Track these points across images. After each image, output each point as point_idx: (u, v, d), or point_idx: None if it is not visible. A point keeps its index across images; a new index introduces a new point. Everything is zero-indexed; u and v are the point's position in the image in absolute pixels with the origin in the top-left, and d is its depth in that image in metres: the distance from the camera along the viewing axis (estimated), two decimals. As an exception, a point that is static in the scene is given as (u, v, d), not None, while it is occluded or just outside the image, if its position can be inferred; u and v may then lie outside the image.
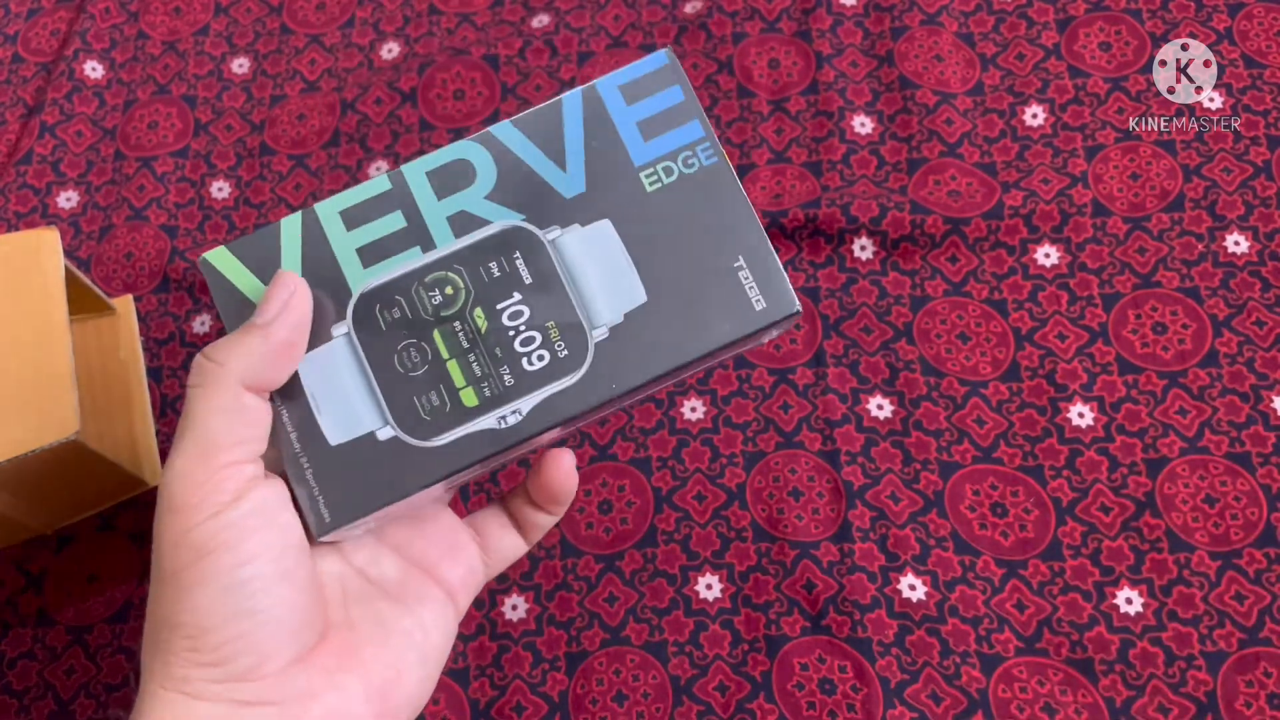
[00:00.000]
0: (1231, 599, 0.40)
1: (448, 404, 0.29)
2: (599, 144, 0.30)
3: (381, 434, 0.29)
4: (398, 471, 0.29)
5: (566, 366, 0.29)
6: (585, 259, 0.29)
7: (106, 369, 0.47)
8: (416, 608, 0.30)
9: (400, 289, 0.29)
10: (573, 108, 0.30)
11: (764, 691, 0.40)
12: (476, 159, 0.30)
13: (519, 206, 0.29)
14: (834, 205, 0.48)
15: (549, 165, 0.30)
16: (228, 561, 0.25)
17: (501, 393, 0.29)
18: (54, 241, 0.41)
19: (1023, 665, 0.40)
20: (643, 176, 0.30)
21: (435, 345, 0.29)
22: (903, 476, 0.44)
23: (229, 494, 0.26)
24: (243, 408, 0.27)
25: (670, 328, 0.29)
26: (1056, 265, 0.47)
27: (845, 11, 0.53)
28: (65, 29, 0.56)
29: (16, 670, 0.43)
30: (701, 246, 0.29)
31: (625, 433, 0.45)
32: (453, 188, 0.30)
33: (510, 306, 0.29)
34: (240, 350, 0.27)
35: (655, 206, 0.29)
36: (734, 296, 0.29)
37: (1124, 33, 0.51)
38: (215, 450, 0.26)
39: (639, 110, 0.30)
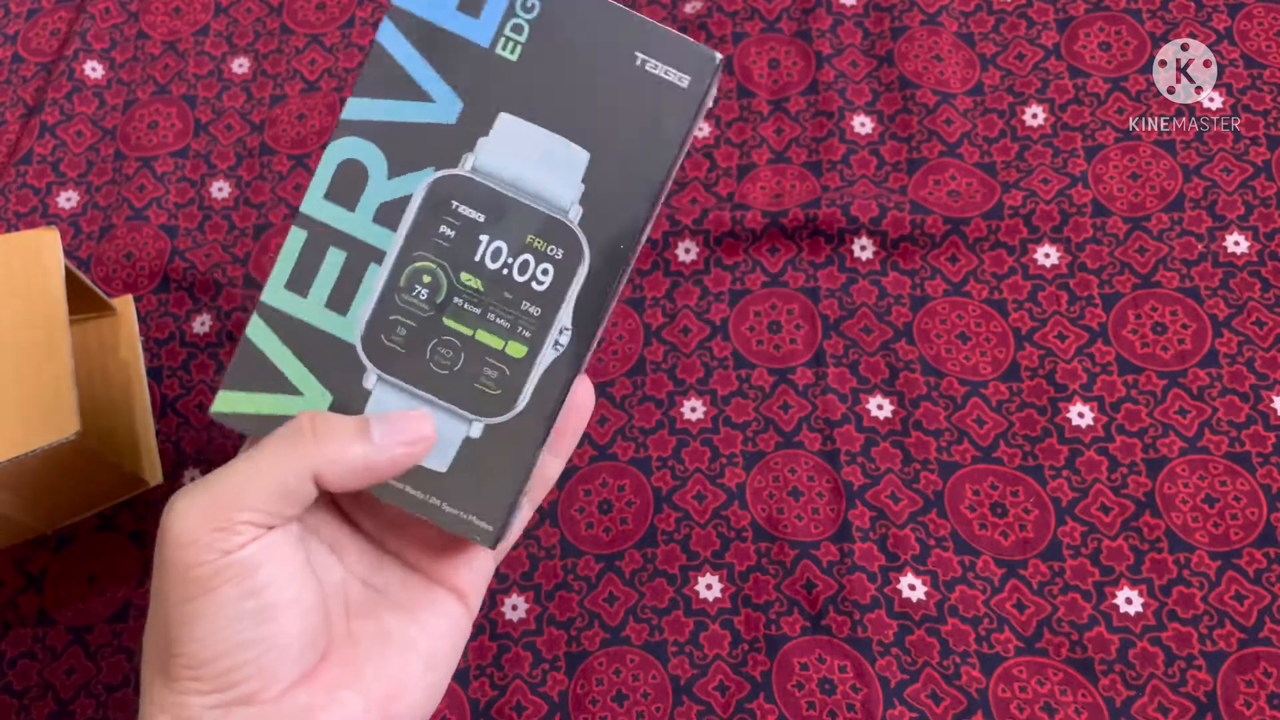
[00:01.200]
0: (1231, 599, 0.40)
1: (505, 368, 0.28)
2: (441, 54, 0.28)
3: (474, 432, 0.28)
4: (510, 450, 0.28)
5: (571, 261, 0.28)
6: (512, 161, 0.28)
7: (106, 369, 0.47)
8: (421, 614, 0.30)
9: (388, 309, 0.28)
10: (392, 38, 0.28)
11: (764, 691, 0.40)
12: (354, 151, 0.28)
13: (423, 162, 0.28)
14: (834, 205, 0.48)
15: (416, 106, 0.28)
16: (234, 594, 0.25)
17: (537, 324, 0.28)
18: (54, 241, 0.41)
19: (1023, 665, 0.40)
20: (499, 51, 0.28)
21: (455, 330, 0.28)
22: (903, 476, 0.44)
23: (238, 543, 0.25)
24: (297, 492, 0.26)
25: (628, 160, 0.28)
26: (1056, 265, 0.47)
27: (845, 11, 0.53)
28: (65, 29, 0.56)
29: (16, 670, 0.43)
30: (598, 70, 0.28)
31: (625, 433, 0.45)
32: (356, 191, 0.28)
33: (486, 250, 0.28)
34: (339, 446, 0.26)
35: (530, 67, 0.28)
36: (659, 91, 0.28)
37: (1124, 33, 0.51)
38: (240, 507, 0.25)
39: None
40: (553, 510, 0.44)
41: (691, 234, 0.48)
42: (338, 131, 0.28)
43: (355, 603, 0.29)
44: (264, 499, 0.26)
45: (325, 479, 0.26)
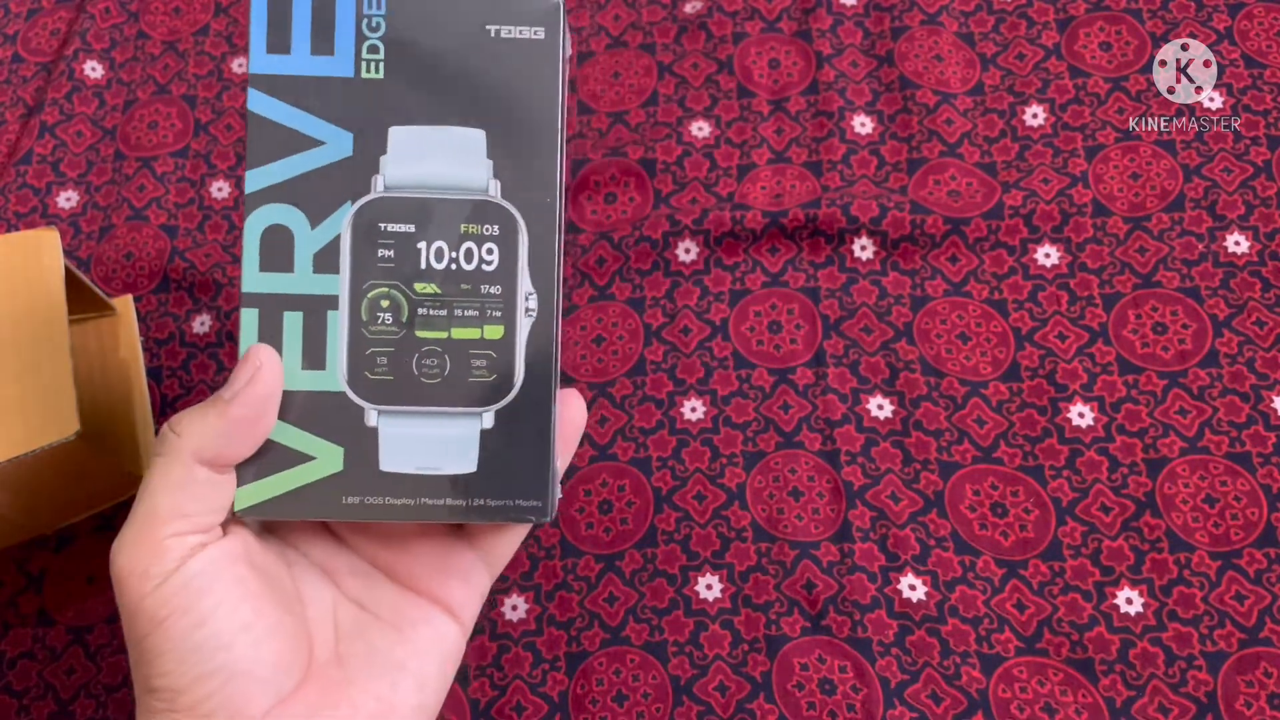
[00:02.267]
0: (1232, 599, 0.40)
1: (491, 353, 0.29)
2: (313, 99, 0.28)
3: (486, 423, 0.29)
4: (527, 423, 0.29)
5: (509, 231, 0.29)
6: (417, 166, 0.29)
7: (106, 369, 0.47)
8: (411, 633, 0.29)
9: (361, 346, 0.28)
10: (262, 103, 0.29)
11: (764, 692, 0.40)
12: (270, 218, 0.29)
13: (338, 201, 0.29)
14: (834, 205, 0.48)
15: (310, 154, 0.29)
16: (183, 625, 0.25)
17: (503, 301, 0.29)
18: (54, 241, 0.41)
19: (1023, 665, 0.40)
20: (365, 75, 0.29)
21: (431, 339, 0.29)
22: (903, 476, 0.44)
23: (173, 561, 0.26)
24: (193, 481, 0.26)
25: (520, 121, 0.29)
26: (1056, 265, 0.47)
27: (845, 11, 0.53)
28: (65, 29, 0.56)
29: (16, 670, 0.43)
30: (459, 54, 0.29)
31: (625, 433, 0.45)
32: (287, 252, 0.29)
33: (429, 254, 0.29)
34: (198, 424, 0.26)
35: (398, 78, 0.29)
36: (519, 50, 0.29)
37: (1124, 33, 0.51)
38: (158, 522, 0.26)
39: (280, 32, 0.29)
40: (553, 510, 0.44)
41: (691, 234, 0.48)
42: (247, 206, 0.28)
43: (345, 624, 0.29)
44: (171, 506, 0.26)
45: (211, 456, 0.26)
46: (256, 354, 0.27)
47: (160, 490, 0.26)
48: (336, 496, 0.28)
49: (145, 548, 0.26)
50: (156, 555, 0.26)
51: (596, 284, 0.48)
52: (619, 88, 0.53)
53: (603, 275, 0.48)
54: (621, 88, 0.53)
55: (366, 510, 0.28)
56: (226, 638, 0.26)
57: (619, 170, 0.50)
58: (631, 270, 0.48)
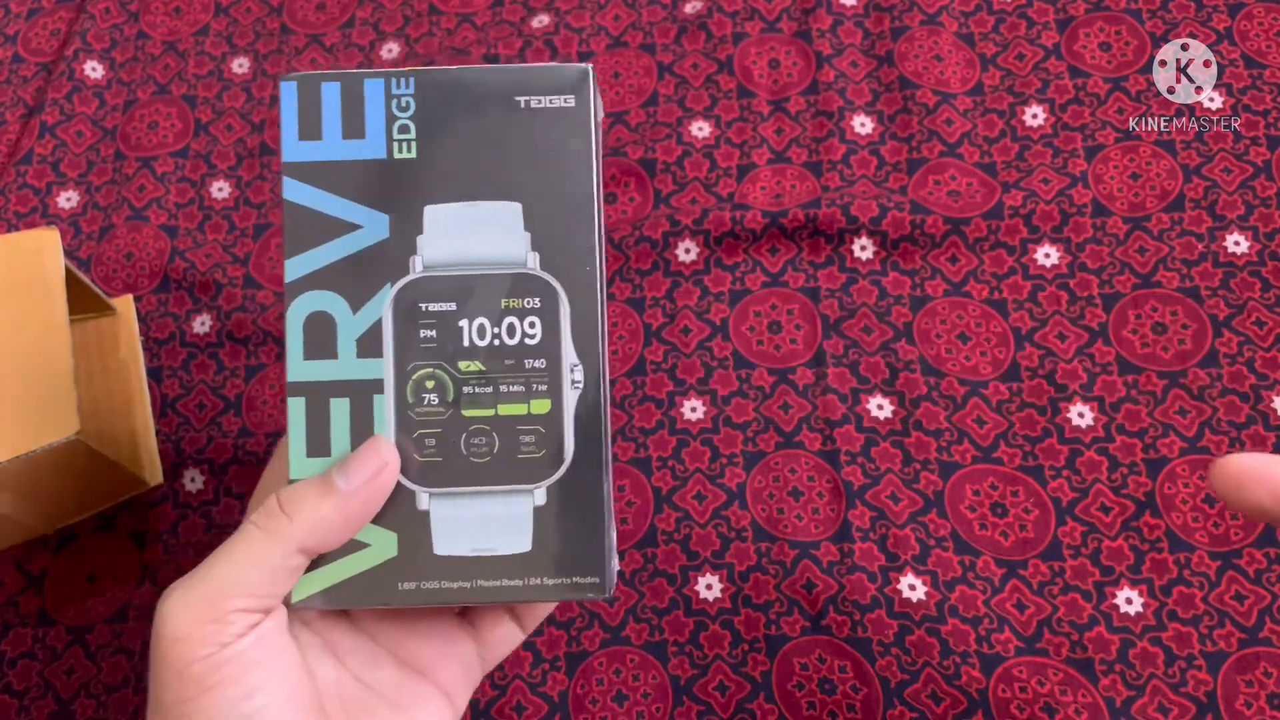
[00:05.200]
0: (1231, 599, 0.40)
1: (539, 428, 0.28)
2: (348, 183, 0.29)
3: (539, 500, 0.28)
4: (580, 498, 0.28)
5: (550, 303, 0.29)
6: (454, 244, 0.28)
7: (106, 369, 0.47)
8: (414, 711, 0.29)
9: (409, 428, 0.28)
10: (297, 190, 0.29)
11: (764, 691, 0.40)
12: (312, 305, 0.28)
13: (378, 284, 0.28)
14: (834, 205, 0.48)
15: (347, 239, 0.28)
16: (232, 695, 0.25)
17: (548, 374, 0.28)
18: (54, 241, 0.41)
19: (1023, 665, 0.40)
20: (398, 156, 0.29)
21: (478, 417, 0.28)
22: (903, 476, 0.44)
23: (234, 634, 0.25)
24: (286, 568, 0.26)
25: (555, 191, 0.29)
26: (1056, 265, 0.47)
27: (845, 11, 0.53)
28: (65, 29, 0.56)
29: (16, 670, 0.43)
30: (491, 128, 0.29)
31: (625, 433, 0.45)
32: (330, 339, 0.28)
33: (471, 332, 0.28)
34: (311, 512, 0.26)
35: (431, 156, 0.29)
36: (551, 119, 0.29)
37: (1124, 33, 0.51)
38: (230, 595, 0.26)
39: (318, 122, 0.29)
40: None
41: (691, 234, 0.48)
42: (288, 295, 0.28)
43: (350, 700, 0.29)
44: (252, 584, 0.26)
45: (310, 547, 0.26)
46: (381, 449, 0.27)
47: (247, 565, 0.26)
48: (392, 583, 0.28)
49: (208, 616, 0.25)
50: (219, 625, 0.25)
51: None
52: (619, 88, 0.53)
53: (603, 275, 0.48)
54: (621, 88, 0.53)
55: (423, 595, 0.28)
56: (271, 711, 0.26)
57: (619, 170, 0.50)
58: (631, 270, 0.48)
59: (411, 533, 0.28)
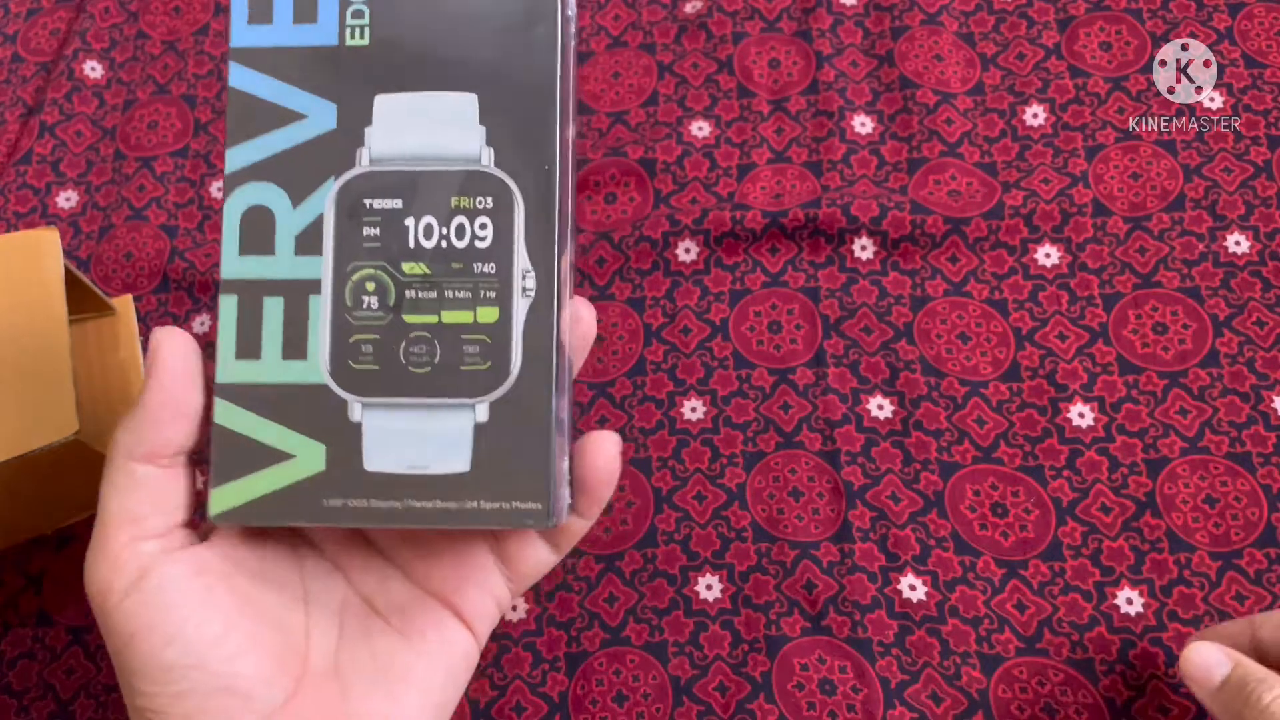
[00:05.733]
0: (1232, 599, 0.40)
1: (485, 337, 0.26)
2: (296, 70, 0.27)
3: (480, 415, 0.26)
4: (526, 416, 0.26)
5: (504, 203, 0.26)
6: (405, 136, 0.27)
7: (106, 369, 0.47)
8: (420, 642, 0.28)
9: (345, 333, 0.26)
10: (243, 77, 0.27)
11: (764, 692, 0.40)
12: (250, 198, 0.27)
13: (321, 177, 0.26)
14: (834, 205, 0.48)
15: (292, 129, 0.27)
16: (152, 643, 0.25)
17: (498, 280, 0.26)
18: (54, 241, 0.41)
19: (1023, 665, 0.40)
20: (350, 43, 0.27)
21: (420, 324, 0.26)
22: (903, 476, 0.44)
23: (132, 573, 0.25)
24: (134, 483, 0.25)
25: (516, 82, 0.26)
26: (1057, 265, 0.47)
27: (845, 11, 0.53)
28: (65, 29, 0.56)
29: (16, 670, 0.43)
30: (449, 11, 0.27)
31: (625, 433, 0.45)
32: (268, 234, 0.27)
33: (417, 232, 0.26)
34: (124, 422, 0.26)
35: (385, 43, 0.27)
36: (515, 7, 0.27)
37: (1124, 33, 0.51)
38: (110, 530, 0.25)
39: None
40: (553, 510, 0.44)
41: (691, 234, 0.48)
42: (226, 186, 0.27)
43: (351, 627, 0.28)
44: (118, 508, 0.25)
45: (143, 450, 0.26)
46: (153, 337, 0.26)
47: (107, 496, 0.26)
48: (317, 499, 0.26)
49: (105, 559, 0.25)
50: (115, 567, 0.25)
51: (596, 284, 0.48)
52: (619, 88, 0.53)
53: (603, 275, 0.48)
54: (621, 88, 0.53)
55: (349, 514, 0.26)
56: (196, 655, 0.25)
57: (619, 170, 0.50)
58: (631, 270, 0.48)
59: (341, 445, 0.26)
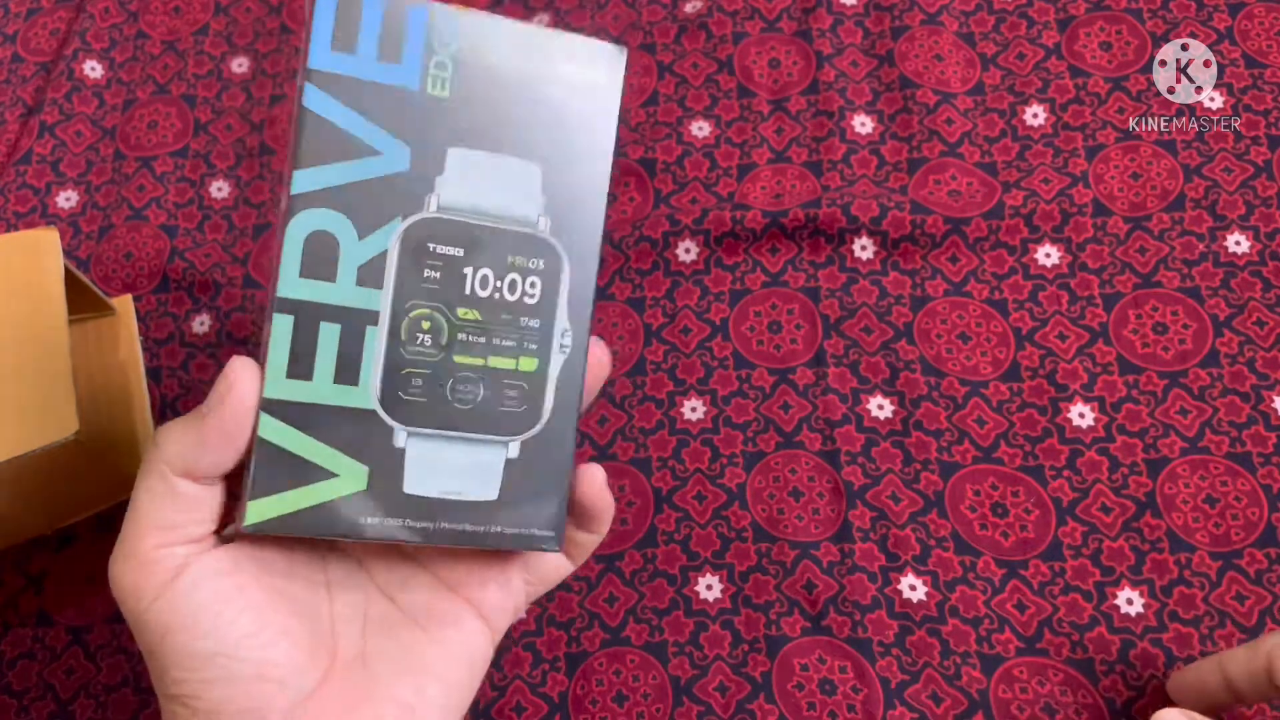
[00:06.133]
0: (1232, 599, 0.40)
1: (524, 384, 0.29)
2: (374, 106, 0.28)
3: (512, 452, 0.29)
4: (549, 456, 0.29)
5: (554, 268, 0.29)
6: (472, 191, 0.28)
7: (106, 369, 0.47)
8: (442, 635, 0.29)
9: (398, 365, 0.28)
10: (320, 101, 0.27)
11: (764, 692, 0.40)
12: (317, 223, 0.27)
13: (389, 215, 0.28)
14: (834, 205, 0.48)
15: (365, 163, 0.28)
16: (187, 638, 0.26)
17: (540, 335, 0.29)
18: (54, 241, 0.41)
19: (1023, 666, 0.40)
20: (430, 91, 0.28)
21: (468, 365, 0.28)
22: (903, 476, 0.44)
23: (166, 574, 0.26)
24: (173, 493, 0.26)
25: (574, 162, 0.29)
26: (1057, 265, 0.47)
27: (845, 11, 0.53)
28: (65, 29, 0.56)
29: (16, 670, 0.43)
30: (526, 86, 0.29)
31: (625, 433, 0.45)
32: (330, 261, 0.27)
33: (474, 281, 0.28)
34: (175, 436, 0.26)
35: (463, 99, 0.28)
36: (582, 92, 0.29)
37: (1124, 32, 0.51)
38: (143, 534, 0.26)
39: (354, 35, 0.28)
40: (553, 510, 0.44)
41: (691, 234, 0.48)
42: (294, 207, 0.27)
43: (375, 620, 0.29)
44: (153, 517, 0.26)
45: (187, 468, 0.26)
46: (232, 368, 0.27)
47: (143, 502, 0.26)
48: (356, 516, 0.28)
49: (135, 561, 0.26)
50: (147, 569, 0.26)
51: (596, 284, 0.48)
52: (619, 87, 0.53)
53: (603, 275, 0.48)
54: (621, 87, 0.53)
55: (385, 530, 0.28)
56: (231, 646, 0.26)
57: (619, 170, 0.50)
58: (631, 270, 0.48)
59: (384, 468, 0.28)
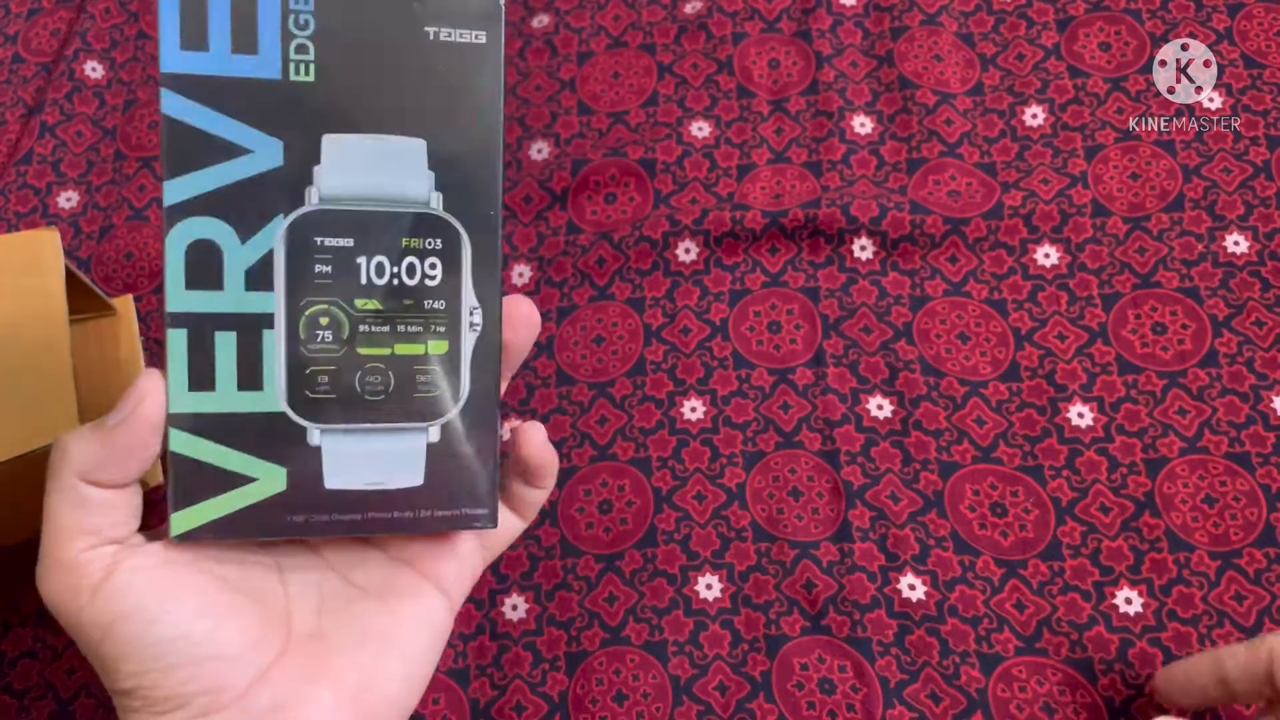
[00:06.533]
0: (1231, 599, 0.40)
1: (436, 367, 0.28)
2: (236, 102, 0.26)
3: (433, 436, 0.28)
4: (473, 434, 0.28)
5: (452, 245, 0.28)
6: (354, 177, 0.27)
7: (106, 369, 0.47)
8: (399, 606, 0.29)
9: (301, 364, 0.27)
10: (178, 105, 0.26)
11: (764, 691, 0.40)
12: (196, 232, 0.27)
13: (269, 214, 0.27)
14: (834, 205, 0.48)
15: (236, 163, 0.27)
16: (134, 626, 0.25)
17: (447, 316, 0.28)
18: (54, 241, 0.41)
19: (1022, 665, 0.40)
20: (294, 78, 0.27)
21: (374, 355, 0.28)
22: (902, 476, 0.44)
23: (96, 573, 0.26)
24: (86, 500, 0.26)
25: (461, 131, 0.27)
26: (1056, 265, 0.47)
27: (845, 11, 0.53)
28: (65, 29, 0.56)
29: (17, 670, 0.43)
30: (396, 58, 0.27)
31: (625, 433, 0.45)
32: (215, 269, 0.27)
33: (369, 270, 0.27)
34: (80, 445, 0.26)
35: (330, 81, 0.27)
36: (460, 55, 0.27)
37: (1124, 33, 0.51)
38: (66, 541, 0.26)
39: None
40: (553, 510, 0.44)
41: (691, 234, 0.48)
42: (168, 220, 0.26)
43: (330, 596, 0.29)
44: (72, 523, 0.26)
45: (95, 477, 0.26)
46: (141, 383, 0.26)
47: (58, 510, 0.26)
48: (280, 516, 0.27)
49: (63, 567, 0.26)
50: (76, 572, 0.26)
51: (596, 284, 0.48)
52: (619, 88, 0.53)
53: (603, 275, 0.48)
54: (621, 88, 0.53)
55: (313, 527, 0.28)
56: (183, 627, 0.26)
57: (619, 170, 0.50)
58: (631, 270, 0.48)
59: (302, 467, 0.27)
